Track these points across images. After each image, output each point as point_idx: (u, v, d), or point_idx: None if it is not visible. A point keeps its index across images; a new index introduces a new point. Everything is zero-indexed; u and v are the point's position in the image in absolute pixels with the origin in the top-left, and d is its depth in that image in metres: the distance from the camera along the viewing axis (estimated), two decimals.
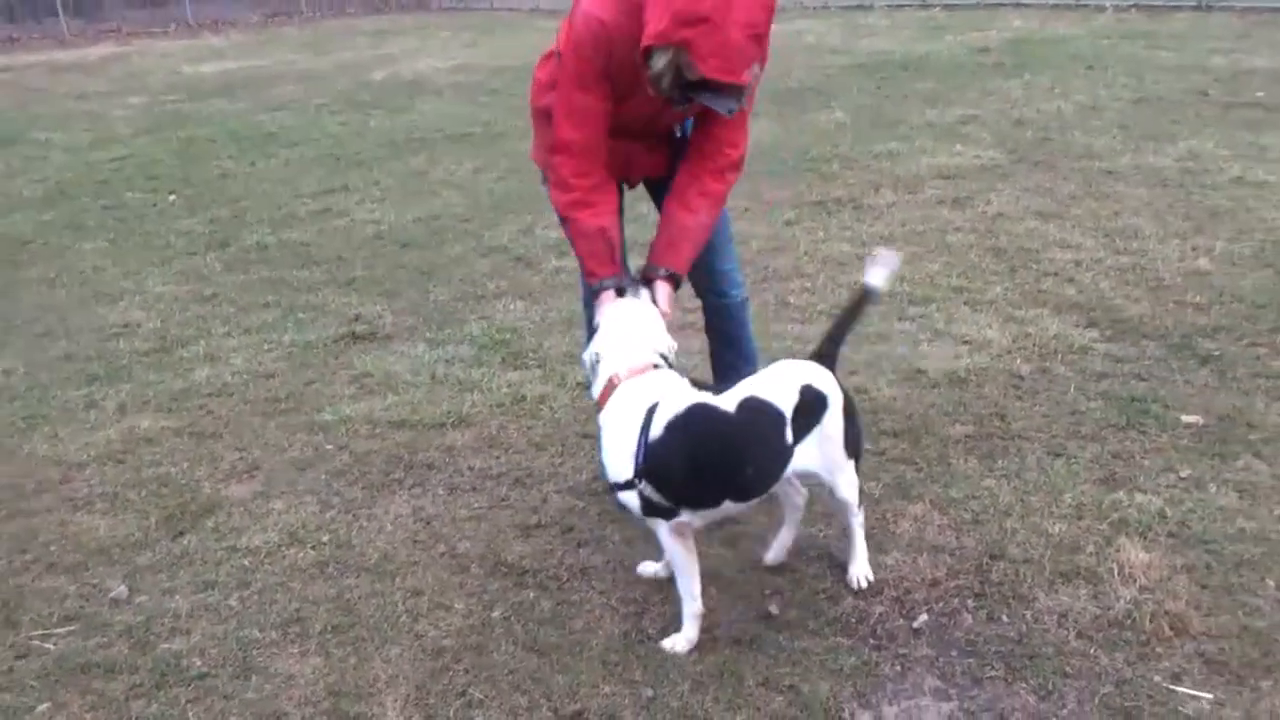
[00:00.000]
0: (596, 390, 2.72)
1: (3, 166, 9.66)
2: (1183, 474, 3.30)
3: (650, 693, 2.55)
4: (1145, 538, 2.98)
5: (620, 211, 3.12)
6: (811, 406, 2.66)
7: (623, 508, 2.71)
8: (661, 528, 2.65)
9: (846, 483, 2.78)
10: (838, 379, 2.77)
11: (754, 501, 2.73)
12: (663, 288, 2.91)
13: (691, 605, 2.71)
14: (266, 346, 4.88)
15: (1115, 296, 4.69)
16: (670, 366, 2.74)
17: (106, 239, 7.00)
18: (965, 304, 4.71)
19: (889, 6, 17.21)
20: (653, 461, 2.55)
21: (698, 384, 2.71)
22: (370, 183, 7.99)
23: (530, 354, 4.53)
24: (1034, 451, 3.49)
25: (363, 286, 5.63)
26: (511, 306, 5.11)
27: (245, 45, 19.59)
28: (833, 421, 2.71)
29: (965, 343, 4.32)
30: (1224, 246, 5.17)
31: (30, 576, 3.22)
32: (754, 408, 2.61)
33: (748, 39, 2.50)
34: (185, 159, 9.42)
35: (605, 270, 2.89)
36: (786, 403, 2.62)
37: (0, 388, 4.64)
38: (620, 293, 2.87)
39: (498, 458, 3.71)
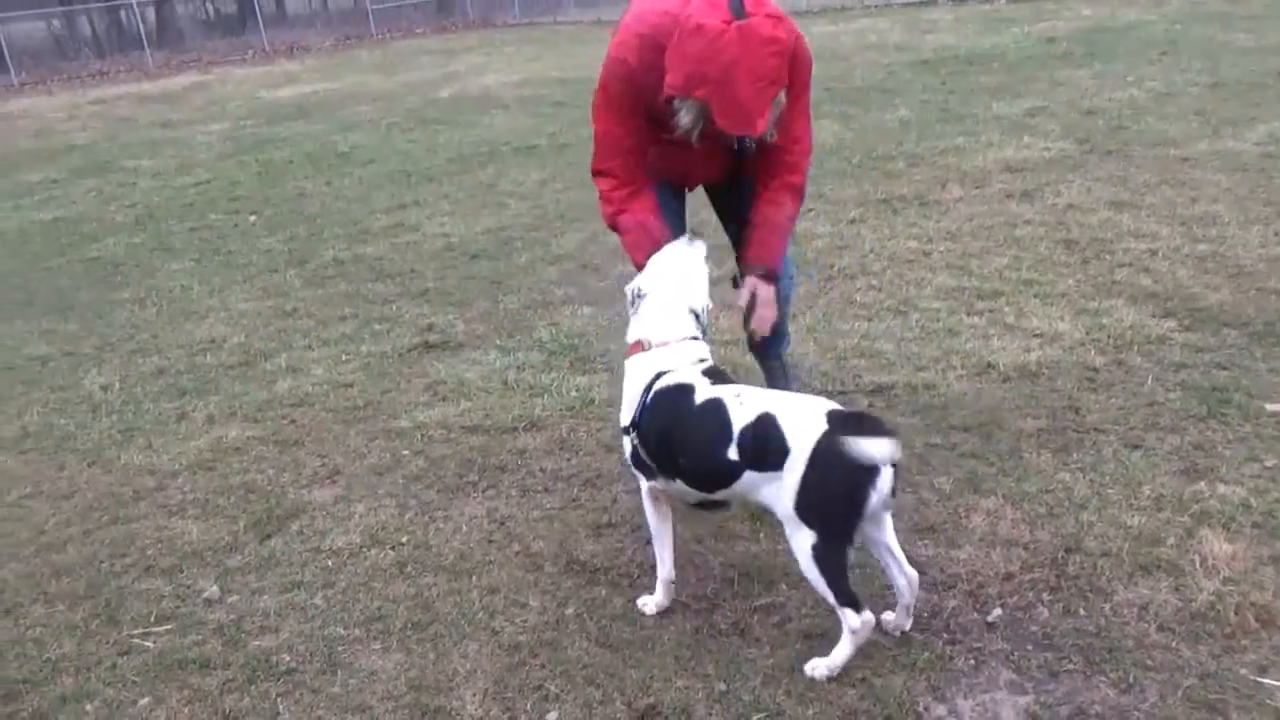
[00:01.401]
0: (630, 337, 2.91)
1: (95, 193, 10.04)
2: (1268, 464, 3.22)
3: (723, 686, 2.57)
4: (1228, 529, 2.91)
5: (680, 214, 3.19)
6: (768, 443, 2.47)
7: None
8: (642, 485, 2.85)
9: (799, 549, 2.48)
10: (833, 437, 2.39)
11: (708, 496, 2.71)
12: (762, 287, 3.05)
13: (661, 570, 2.86)
14: (344, 357, 5.01)
15: (1193, 285, 4.59)
16: (700, 323, 2.87)
17: (192, 259, 7.24)
18: (1035, 297, 4.64)
19: (953, 1, 17.01)
20: (640, 419, 2.76)
21: (716, 371, 2.79)
22: (440, 197, 8.14)
23: (598, 358, 4.59)
24: (1110, 444, 3.43)
25: (435, 297, 5.74)
26: (579, 312, 5.17)
27: (319, 68, 20.06)
28: (790, 473, 2.44)
29: (1036, 336, 4.27)
30: None
31: (130, 579, 3.37)
32: (711, 410, 2.61)
33: (757, 91, 2.63)
34: (264, 180, 9.69)
35: (646, 253, 3.01)
36: (739, 421, 2.54)
37: (98, 402, 4.84)
38: None
39: (568, 459, 3.76)
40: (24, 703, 2.82)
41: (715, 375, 2.76)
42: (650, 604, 2.88)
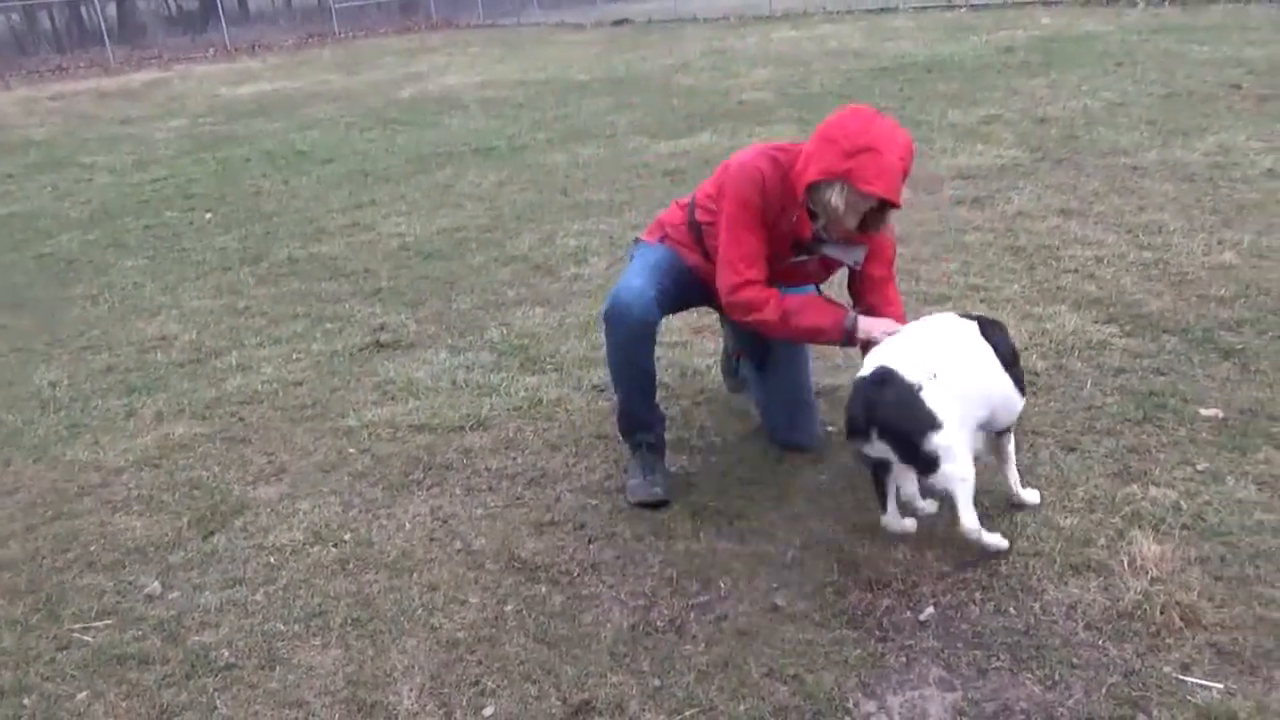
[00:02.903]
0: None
1: (51, 189, 9.94)
2: (1200, 467, 3.29)
3: (657, 682, 2.60)
4: (1158, 530, 2.97)
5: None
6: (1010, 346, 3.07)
7: None
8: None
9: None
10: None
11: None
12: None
13: None
14: (295, 356, 4.99)
15: (1136, 292, 4.67)
16: None
17: (146, 257, 7.18)
18: (982, 302, 4.71)
19: (914, 8, 17.19)
20: None
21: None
22: (397, 197, 8.12)
23: (548, 359, 4.60)
24: (1047, 446, 3.49)
25: (388, 297, 5.73)
26: (531, 313, 5.18)
27: (280, 67, 19.94)
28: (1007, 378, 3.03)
29: None
30: (1251, 240, 5.12)
31: (72, 574, 3.35)
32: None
33: (901, 170, 2.92)
34: (222, 178, 9.63)
35: (840, 311, 3.20)
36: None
37: (46, 399, 4.80)
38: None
39: (514, 458, 3.78)
40: None
41: None
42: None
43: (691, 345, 4.60)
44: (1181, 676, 2.46)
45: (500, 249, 6.38)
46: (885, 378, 2.82)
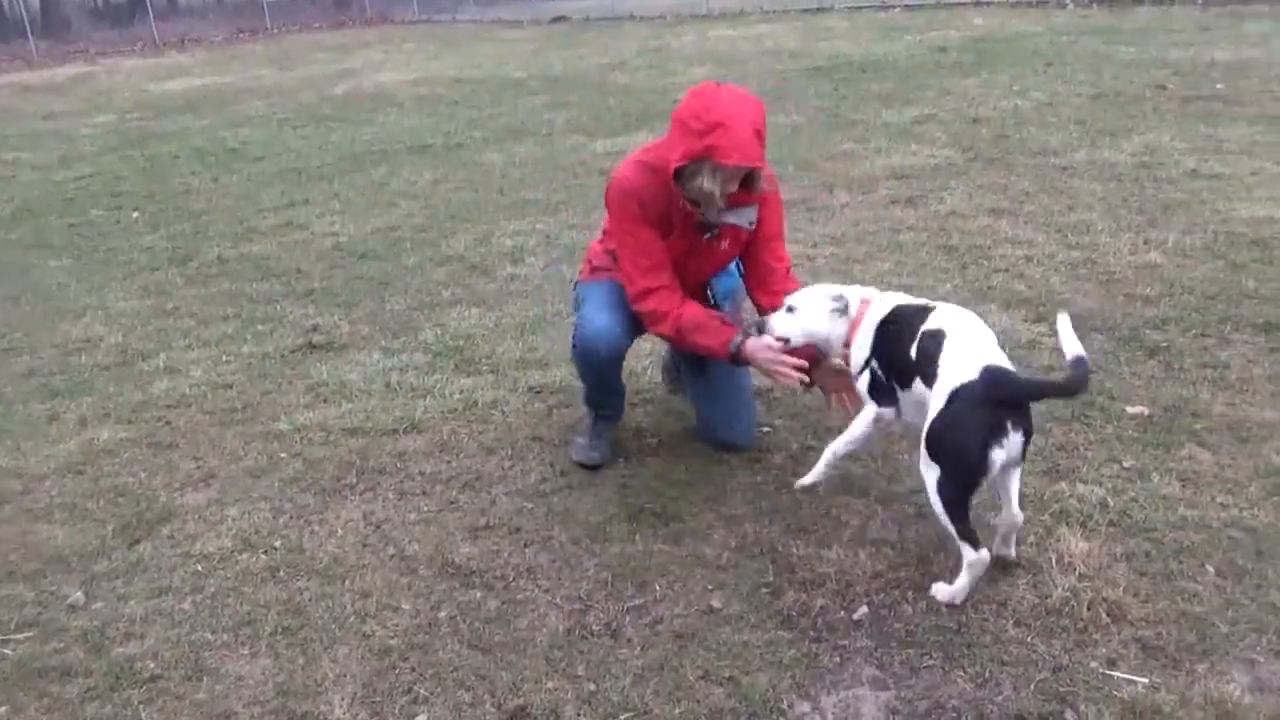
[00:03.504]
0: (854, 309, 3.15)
1: None
2: (1126, 464, 3.35)
3: (592, 687, 2.59)
4: (1085, 527, 3.03)
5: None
6: (928, 350, 2.83)
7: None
8: (869, 411, 3.08)
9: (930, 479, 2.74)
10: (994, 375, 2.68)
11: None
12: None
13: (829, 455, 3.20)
14: (225, 358, 4.90)
15: (1065, 291, 4.75)
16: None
17: (71, 256, 7.00)
18: None
19: (848, 8, 17.34)
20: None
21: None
22: (330, 195, 8.01)
23: (483, 360, 4.56)
24: None
25: (320, 297, 5.65)
26: (466, 314, 5.13)
27: (210, 62, 19.57)
28: (937, 393, 2.74)
29: None
30: (1176, 239, 5.24)
31: None
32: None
33: (757, 137, 3.05)
34: (150, 176, 9.42)
35: (729, 333, 3.29)
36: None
37: None
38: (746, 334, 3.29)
39: (448, 462, 3.74)
40: None
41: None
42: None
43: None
44: (1108, 671, 2.50)
45: (435, 249, 6.32)
46: (1003, 376, 2.73)
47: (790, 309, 3.21)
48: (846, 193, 6.61)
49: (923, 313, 2.95)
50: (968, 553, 2.71)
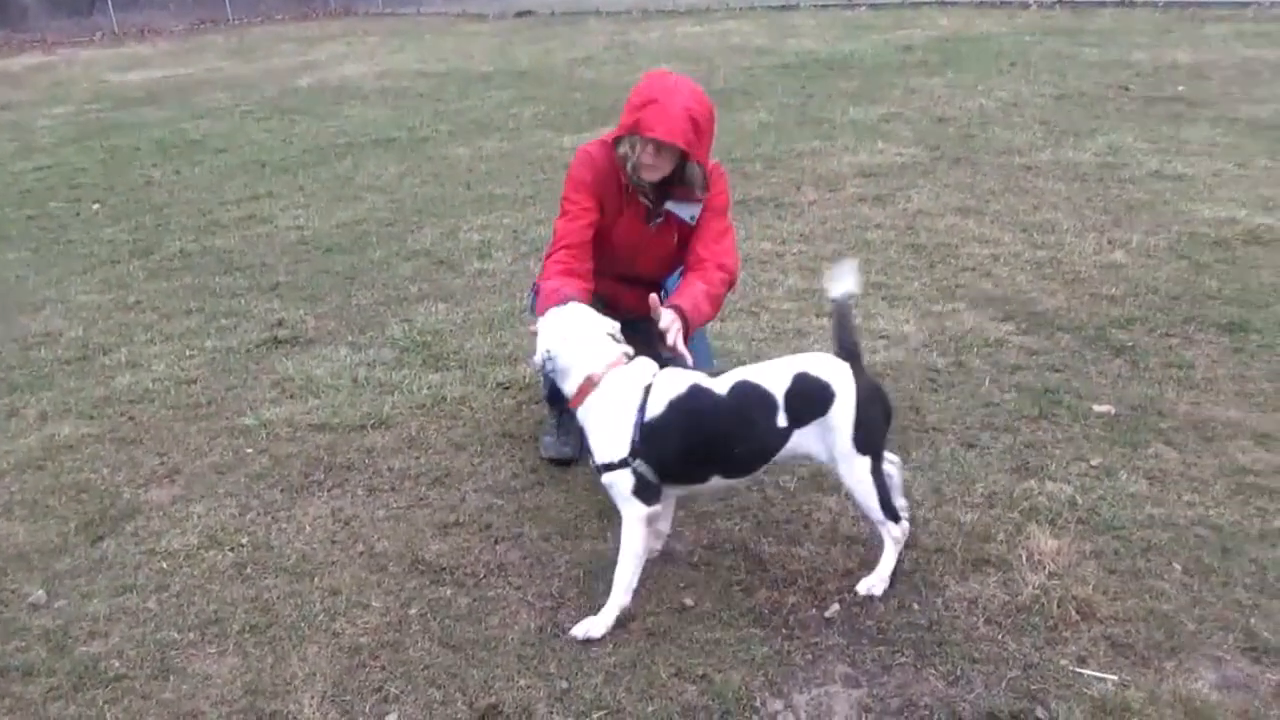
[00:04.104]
0: (571, 389, 2.86)
1: None
2: (1093, 462, 3.39)
3: (564, 685, 2.58)
4: (1055, 525, 3.05)
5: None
6: (812, 395, 2.73)
7: (608, 489, 2.82)
8: (634, 512, 2.77)
9: (859, 478, 2.74)
10: (861, 376, 2.77)
11: (741, 480, 2.97)
12: (667, 311, 3.10)
13: (622, 597, 2.78)
14: (189, 353, 4.83)
15: (1031, 290, 4.79)
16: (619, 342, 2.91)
17: (29, 249, 6.87)
18: (883, 299, 4.78)
19: (815, 6, 17.33)
20: (650, 437, 2.73)
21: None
22: (295, 189, 7.92)
23: (451, 355, 4.53)
24: (948, 443, 3.56)
25: (285, 292, 5.58)
26: (433, 309, 5.09)
27: (171, 53, 19.29)
28: (841, 415, 2.71)
29: (882, 338, 4.39)
30: (1140, 239, 5.31)
31: None
32: (746, 390, 2.78)
33: (688, 117, 3.10)
34: (109, 168, 9.26)
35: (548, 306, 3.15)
36: (779, 388, 2.75)
37: None
38: None
39: (417, 458, 3.71)
40: None
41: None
42: (597, 626, 2.75)
43: None
44: (1078, 669, 2.53)
45: (402, 243, 6.27)
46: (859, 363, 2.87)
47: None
48: (814, 190, 6.63)
49: (749, 386, 2.81)
50: (900, 528, 2.83)
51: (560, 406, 3.64)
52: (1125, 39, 11.53)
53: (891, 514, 2.80)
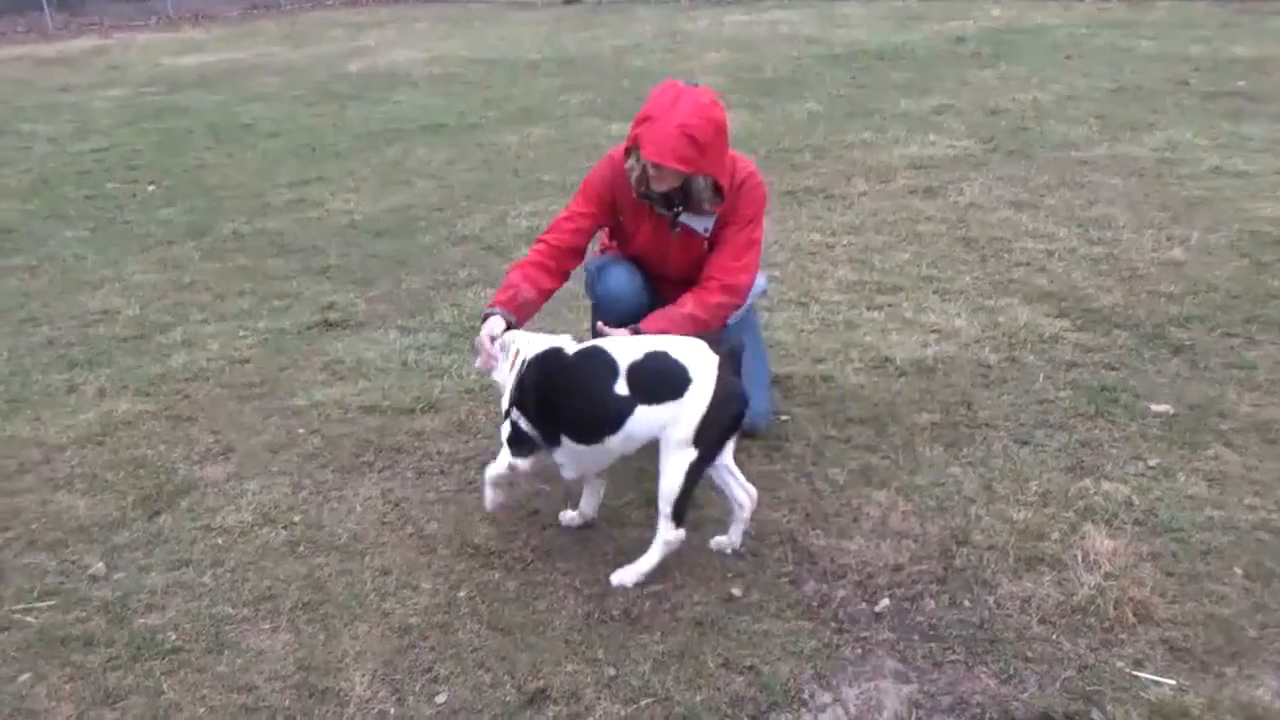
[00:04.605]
0: (506, 366, 3.11)
1: None
2: (1151, 463, 3.33)
3: (612, 671, 2.58)
4: (1111, 525, 3.01)
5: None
6: (669, 376, 2.77)
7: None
8: (504, 457, 3.03)
9: (676, 467, 2.77)
10: (726, 374, 2.79)
11: (597, 449, 2.90)
12: (626, 331, 3.21)
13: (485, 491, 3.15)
14: (242, 333, 4.89)
15: (1087, 286, 4.72)
16: None
17: (88, 228, 6.98)
18: (934, 293, 4.74)
19: None
20: (519, 392, 3.00)
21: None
22: (345, 173, 7.97)
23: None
24: (1000, 439, 3.52)
25: (336, 275, 5.63)
26: (482, 294, 5.10)
27: (225, 38, 19.48)
28: (690, 404, 2.75)
29: (933, 331, 4.35)
30: (1200, 236, 5.21)
31: (12, 553, 3.27)
32: (591, 355, 2.94)
33: (682, 135, 3.06)
34: (164, 150, 9.38)
35: (496, 300, 3.31)
36: (626, 358, 2.83)
37: None
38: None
39: (465, 442, 3.73)
40: None
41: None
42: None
43: None
44: (1135, 672, 2.48)
45: (451, 228, 6.30)
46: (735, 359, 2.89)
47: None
48: (865, 181, 6.57)
49: (597, 351, 2.94)
50: (670, 530, 2.82)
51: None
52: (1183, 32, 11.32)
53: (679, 517, 2.80)
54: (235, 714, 2.54)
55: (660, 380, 2.78)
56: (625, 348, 2.88)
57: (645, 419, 2.78)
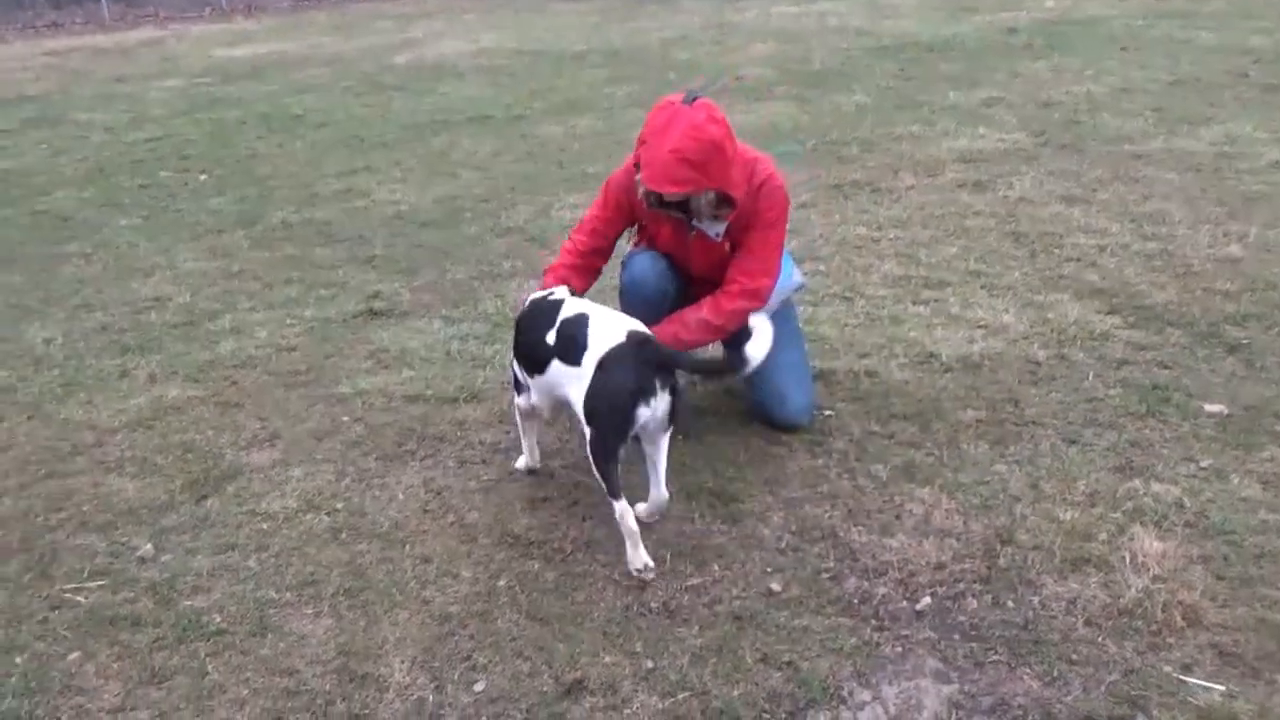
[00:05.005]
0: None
1: (47, 146, 9.79)
2: (1203, 464, 3.26)
3: (650, 664, 2.57)
4: (1160, 527, 2.95)
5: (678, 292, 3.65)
6: (573, 338, 2.98)
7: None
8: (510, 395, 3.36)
9: (586, 440, 2.92)
10: (624, 353, 2.87)
11: (540, 382, 3.14)
12: None
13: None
14: (289, 321, 4.94)
15: (1140, 283, 4.63)
16: None
17: (141, 216, 7.09)
18: (982, 288, 4.67)
19: None
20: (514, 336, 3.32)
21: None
22: (392, 163, 8.02)
23: None
24: (1048, 438, 3.46)
25: (382, 264, 5.67)
26: (526, 286, 5.09)
27: (276, 29, 19.68)
28: (584, 372, 2.91)
29: (980, 327, 4.29)
30: (1258, 233, 5.09)
31: (64, 533, 3.34)
32: (540, 303, 3.24)
33: (675, 160, 3.09)
34: (216, 139, 9.50)
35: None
36: (560, 315, 3.09)
37: (41, 356, 4.76)
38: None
39: (507, 432, 3.73)
40: None
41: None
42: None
43: None
44: (1182, 677, 2.43)
45: (495, 220, 6.32)
46: (649, 339, 2.98)
47: None
48: (912, 175, 6.50)
49: (558, 303, 3.18)
50: (616, 506, 2.88)
51: None
52: (1243, 23, 11.06)
53: (613, 492, 2.87)
54: (277, 696, 2.57)
55: (568, 344, 2.99)
56: (571, 306, 3.11)
57: (556, 372, 3.03)
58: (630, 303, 3.52)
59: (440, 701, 2.52)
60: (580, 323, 3.01)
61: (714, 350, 3.73)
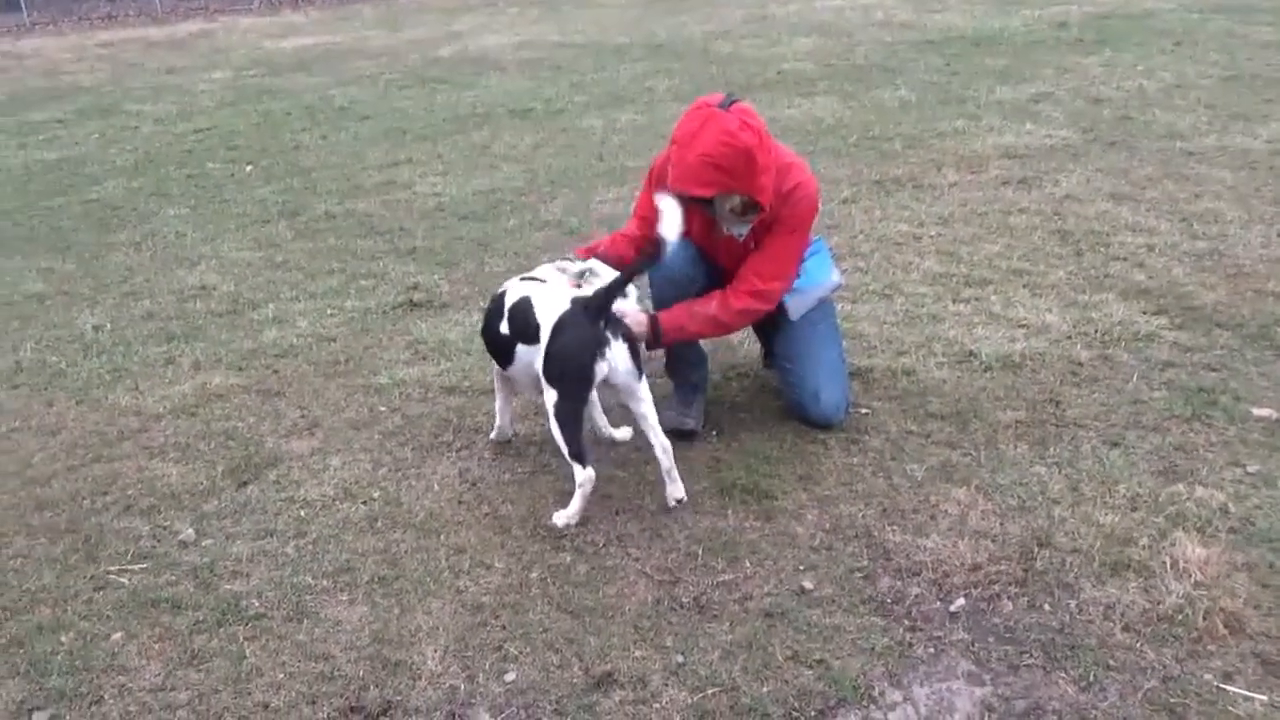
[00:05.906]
0: None
1: (98, 136, 9.98)
2: (1250, 469, 3.19)
3: (680, 659, 2.57)
4: (1204, 533, 2.89)
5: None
6: (525, 319, 3.16)
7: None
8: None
9: (548, 407, 3.08)
10: (574, 314, 3.03)
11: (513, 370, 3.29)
12: (640, 312, 3.38)
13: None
14: (330, 311, 4.99)
15: (1188, 283, 4.55)
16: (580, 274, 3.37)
17: (188, 206, 7.19)
18: (1024, 287, 4.60)
19: None
20: None
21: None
22: (433, 156, 8.07)
23: None
24: (1089, 440, 3.41)
25: (422, 256, 5.70)
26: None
27: (323, 22, 19.86)
28: (541, 341, 3.08)
29: (1022, 326, 4.23)
30: None
31: (110, 516, 3.40)
32: (498, 295, 3.37)
33: (703, 163, 3.13)
34: (263, 131, 9.61)
35: (578, 250, 3.61)
36: (504, 306, 3.27)
37: (89, 342, 4.86)
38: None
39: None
40: (2, 631, 2.87)
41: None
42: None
43: None
44: (1223, 685, 2.39)
45: (534, 213, 6.33)
46: (587, 297, 3.12)
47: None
48: (955, 171, 6.43)
49: (501, 294, 3.33)
50: (578, 471, 3.04)
51: (681, 378, 3.69)
52: None
53: (576, 457, 3.03)
54: (312, 681, 2.60)
55: (523, 326, 3.15)
56: (513, 292, 3.27)
57: (522, 356, 3.17)
58: (658, 286, 3.55)
59: (471, 690, 2.54)
60: (525, 304, 3.17)
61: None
